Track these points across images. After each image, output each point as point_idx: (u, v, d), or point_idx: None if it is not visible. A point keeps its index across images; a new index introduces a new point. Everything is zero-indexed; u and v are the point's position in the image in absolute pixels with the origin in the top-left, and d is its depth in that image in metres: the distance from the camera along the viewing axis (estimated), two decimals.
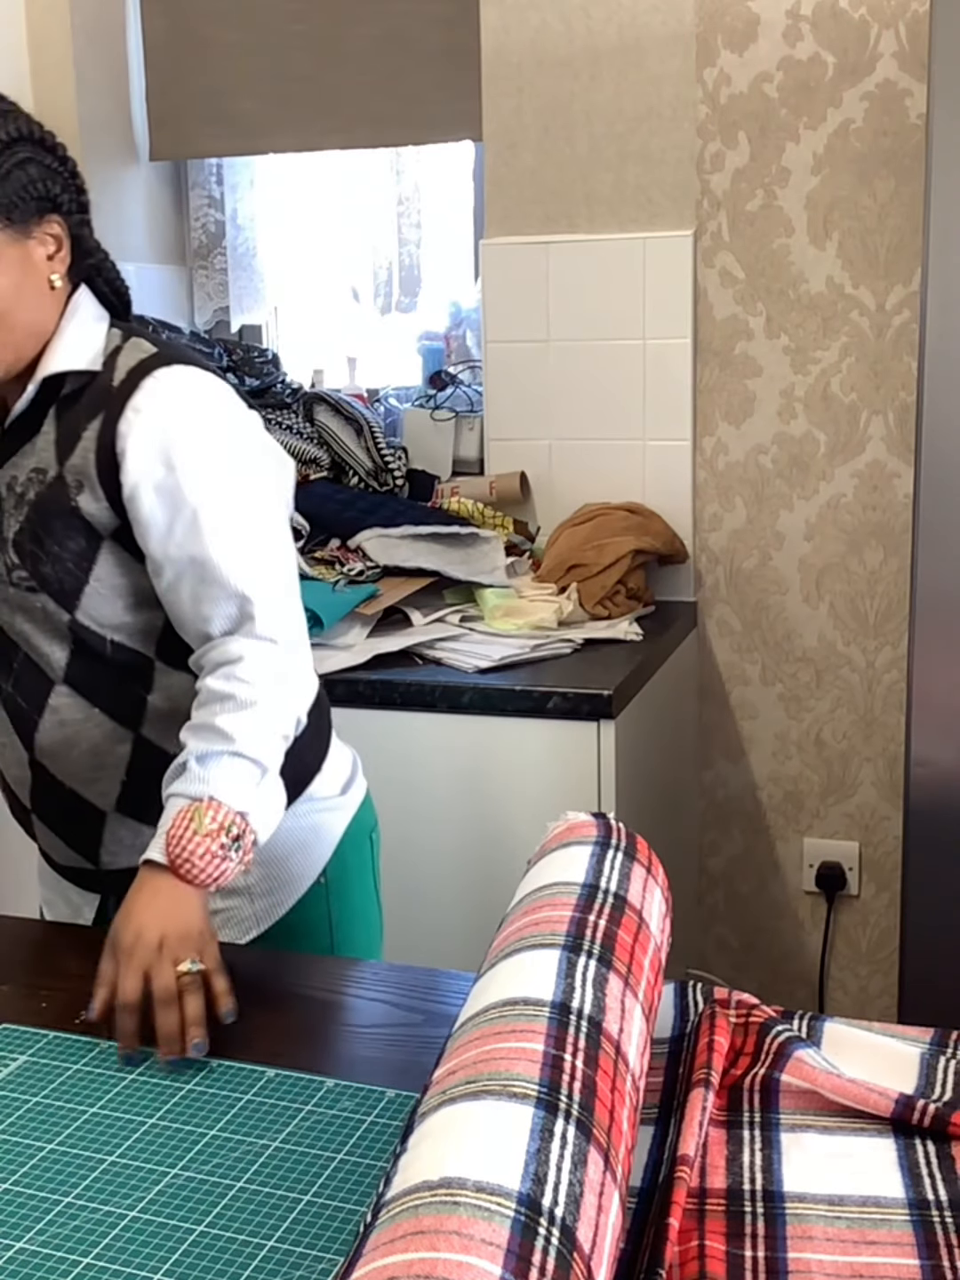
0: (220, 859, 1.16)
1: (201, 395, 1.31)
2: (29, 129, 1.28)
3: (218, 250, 3.02)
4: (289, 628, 1.30)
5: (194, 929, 1.15)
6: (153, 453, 1.26)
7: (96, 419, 1.28)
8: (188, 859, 1.15)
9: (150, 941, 1.12)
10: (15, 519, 1.32)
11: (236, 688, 1.24)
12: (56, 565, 1.30)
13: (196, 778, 1.20)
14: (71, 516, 1.29)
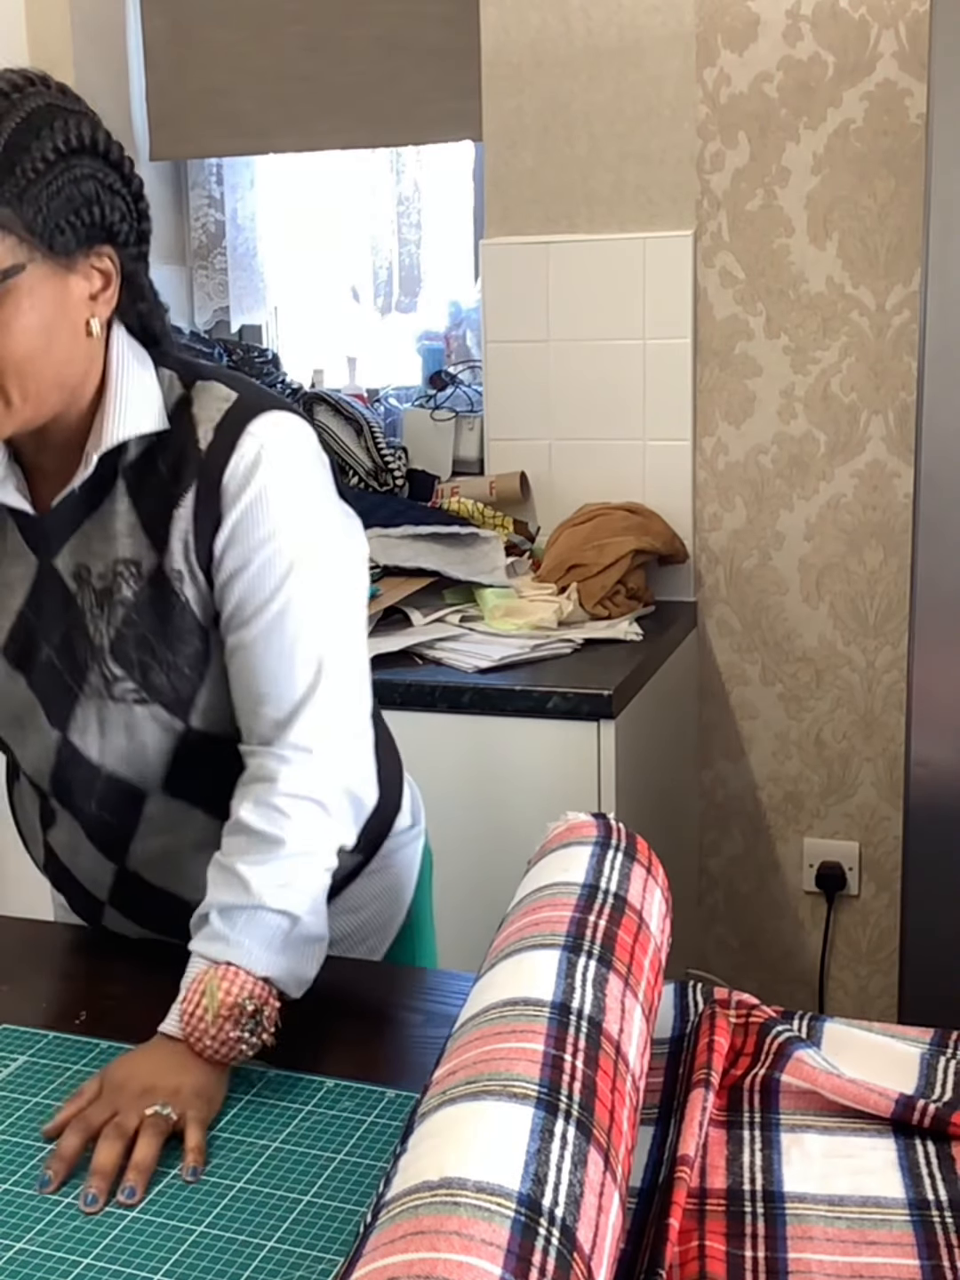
0: (235, 1041, 1.05)
1: (301, 453, 1.16)
2: (93, 137, 1.09)
3: (218, 250, 3.02)
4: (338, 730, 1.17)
5: (187, 1087, 1.03)
6: (259, 530, 1.12)
7: (189, 493, 1.12)
8: (200, 1038, 1.05)
9: (135, 1087, 1.02)
10: (107, 622, 1.15)
11: (265, 821, 1.12)
12: (172, 673, 1.15)
13: (217, 935, 1.10)
14: (182, 615, 1.14)
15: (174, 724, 1.17)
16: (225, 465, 1.11)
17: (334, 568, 1.17)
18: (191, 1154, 0.97)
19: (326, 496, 1.18)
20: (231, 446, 1.11)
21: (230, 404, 1.13)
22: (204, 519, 1.12)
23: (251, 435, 1.12)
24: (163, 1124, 0.99)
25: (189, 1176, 0.96)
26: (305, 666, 1.14)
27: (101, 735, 1.18)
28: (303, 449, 1.16)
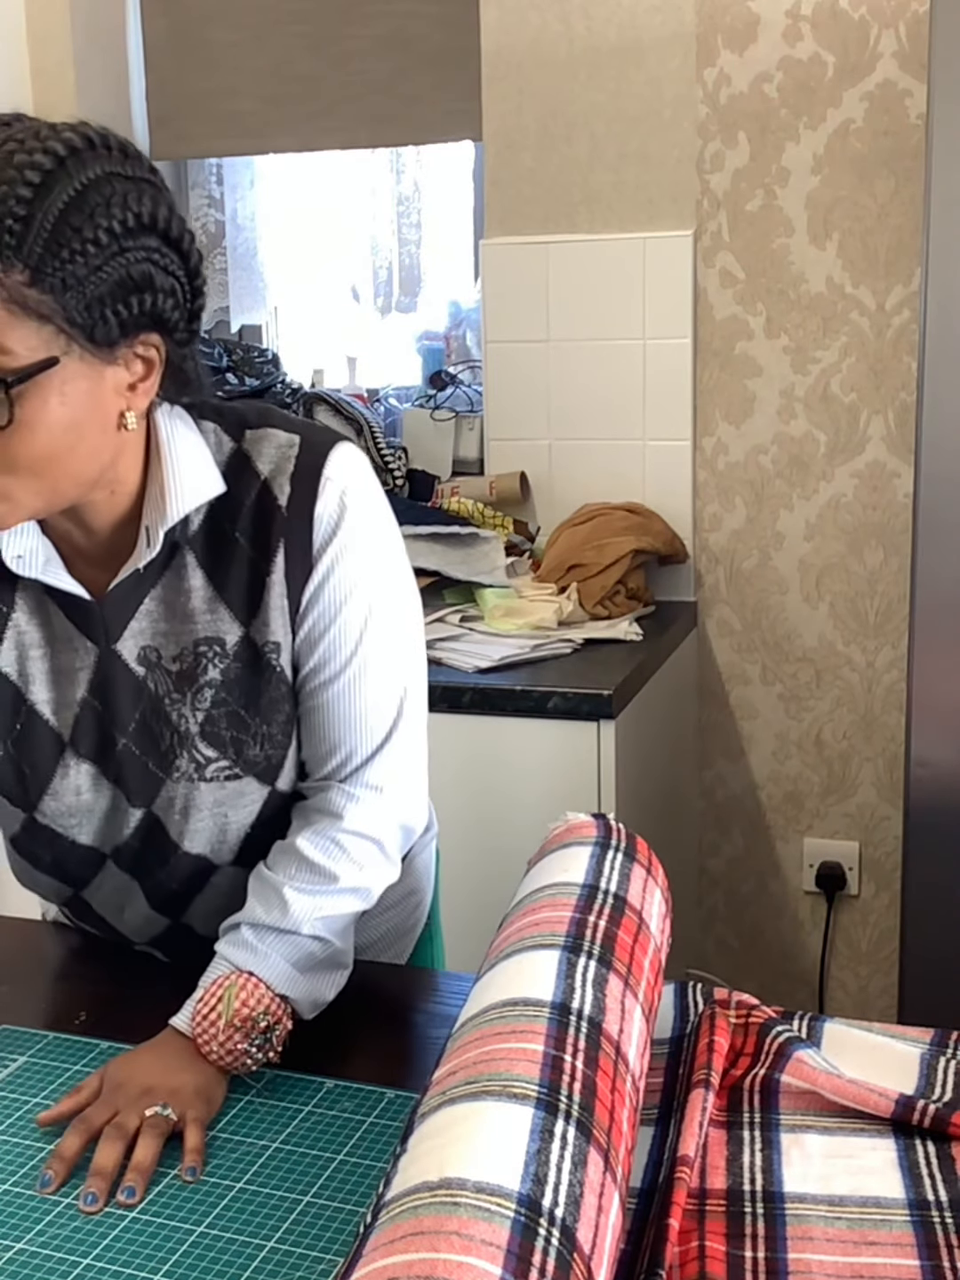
0: (241, 1053, 1.04)
1: (374, 488, 1.12)
2: (153, 213, 0.94)
3: (218, 250, 3.02)
4: (405, 772, 1.16)
5: (189, 1087, 1.02)
6: (345, 584, 1.08)
7: (278, 556, 1.06)
8: (208, 1042, 1.05)
9: (136, 1087, 1.02)
10: (192, 707, 1.09)
11: (322, 855, 1.11)
12: (266, 743, 1.11)
13: (245, 944, 1.09)
14: (278, 684, 1.09)
15: (260, 793, 1.13)
16: (311, 520, 1.06)
17: (408, 608, 1.16)
18: (191, 1154, 0.97)
19: (396, 531, 1.15)
20: (313, 497, 1.06)
21: (297, 450, 1.07)
22: (296, 578, 1.07)
23: (330, 480, 1.07)
24: (163, 1125, 0.99)
25: (188, 1177, 0.96)
26: (386, 714, 1.13)
27: (187, 817, 1.13)
28: (372, 481, 1.12)
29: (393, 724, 1.14)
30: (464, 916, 1.81)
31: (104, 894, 1.22)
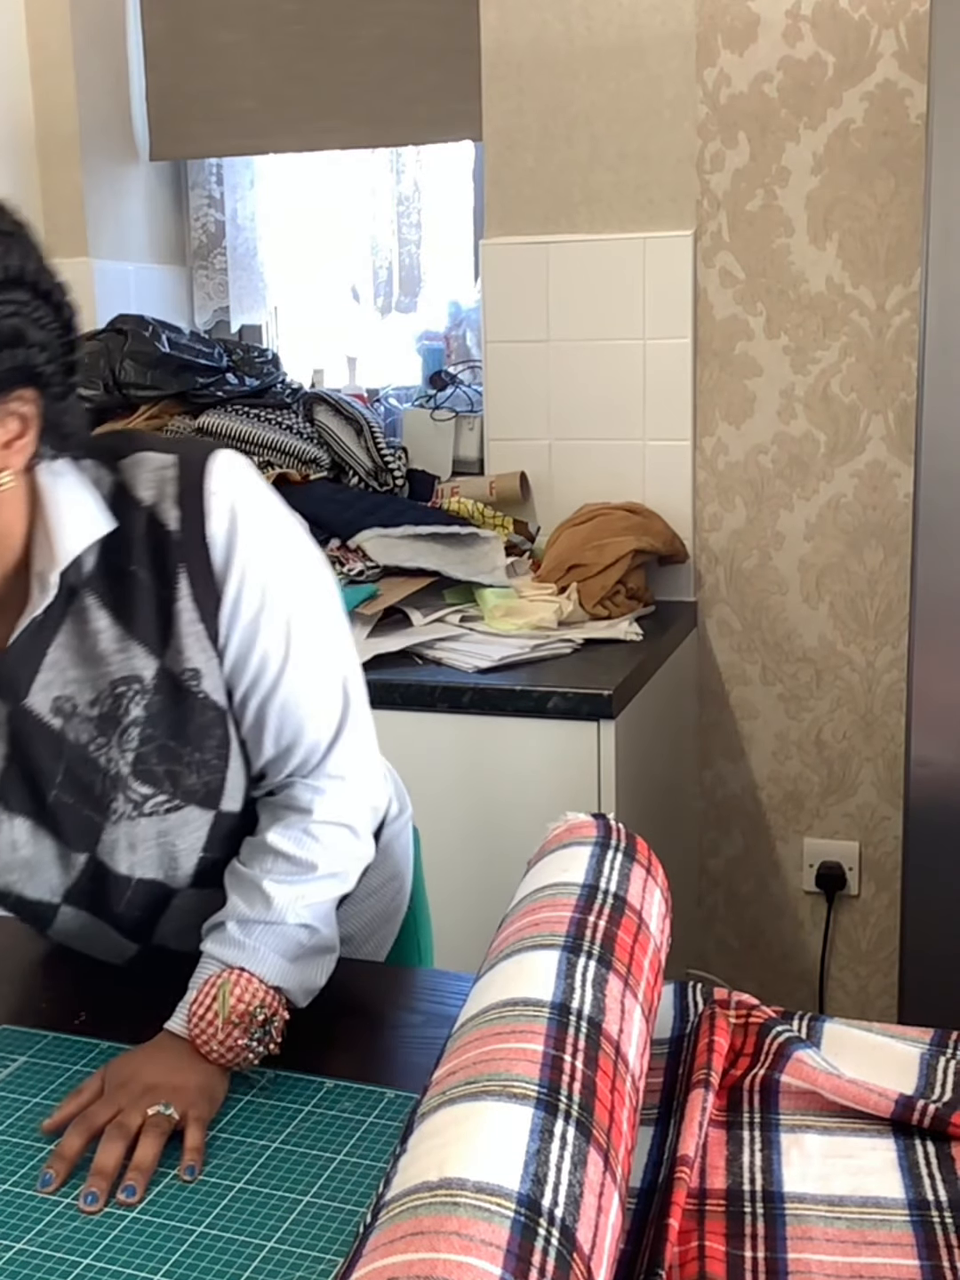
0: (242, 1049, 1.05)
1: (260, 487, 1.08)
2: (21, 267, 0.92)
3: (218, 250, 3.02)
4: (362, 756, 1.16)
5: (191, 1085, 1.03)
6: (258, 592, 1.05)
7: (181, 582, 1.03)
8: (207, 1041, 1.05)
9: (138, 1086, 1.02)
10: (119, 749, 1.06)
11: (297, 847, 1.11)
12: (201, 769, 1.09)
13: (233, 941, 1.09)
14: (204, 709, 1.07)
15: (205, 816, 1.12)
16: (205, 538, 1.03)
17: (324, 592, 1.14)
18: (190, 1154, 0.97)
19: (290, 520, 1.11)
20: (203, 518, 1.03)
21: (175, 471, 1.04)
22: (206, 601, 1.04)
23: (216, 495, 1.03)
24: (165, 1124, 0.99)
25: (186, 1176, 0.96)
26: (333, 706, 1.13)
27: (132, 851, 1.11)
28: (257, 481, 1.08)
29: (342, 712, 1.13)
30: (463, 916, 1.81)
31: (70, 931, 1.21)
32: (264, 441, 2.49)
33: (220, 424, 2.50)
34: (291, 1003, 1.11)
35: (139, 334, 2.54)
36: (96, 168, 2.84)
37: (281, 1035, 1.08)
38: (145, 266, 2.96)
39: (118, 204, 2.90)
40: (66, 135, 2.79)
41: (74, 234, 2.82)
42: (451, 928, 1.91)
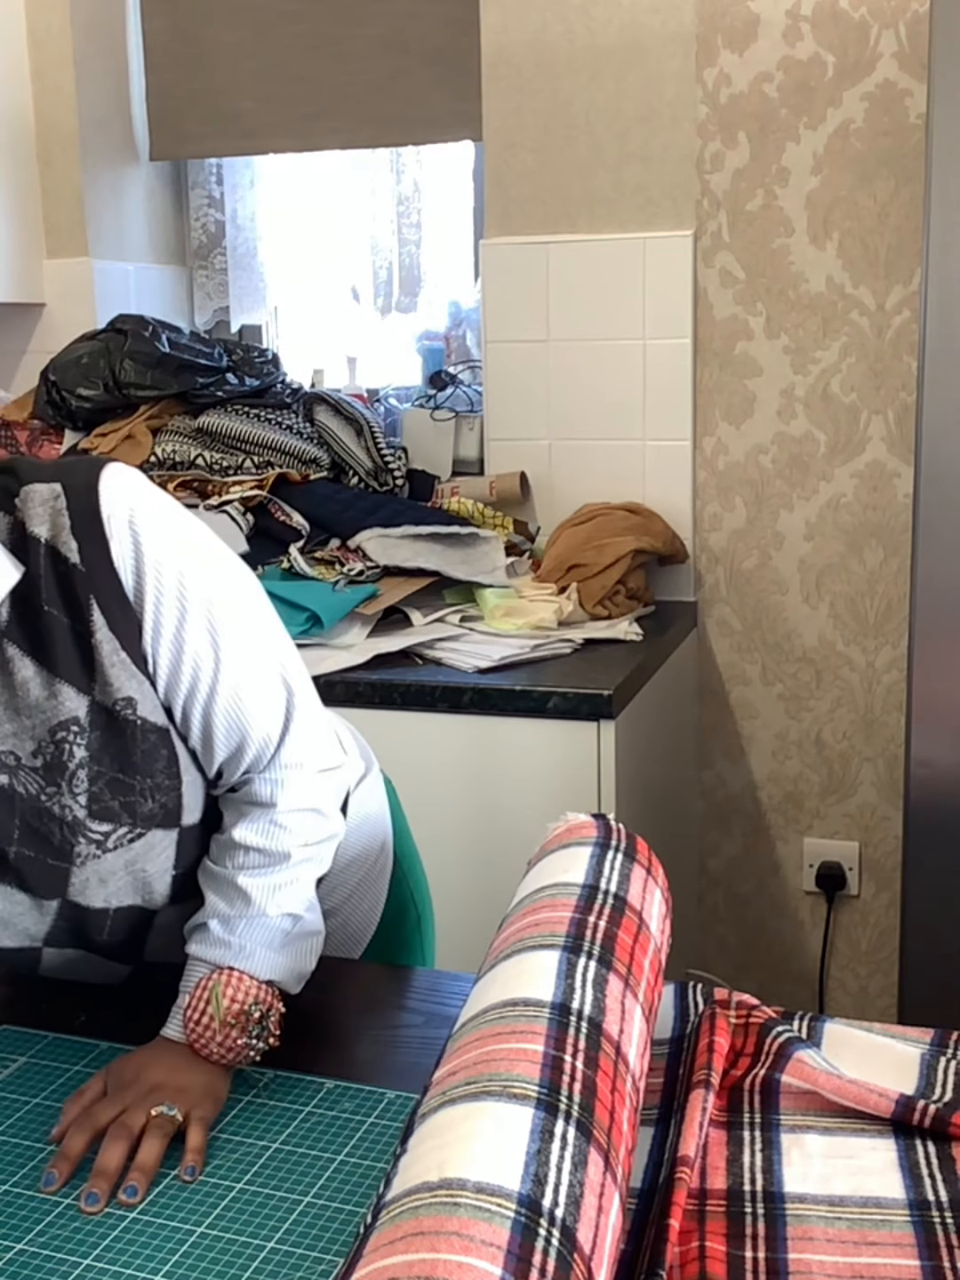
0: (243, 1048, 1.05)
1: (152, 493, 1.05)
2: None
3: (218, 250, 3.02)
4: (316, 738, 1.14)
5: (195, 1086, 1.03)
6: (175, 605, 1.02)
7: (94, 614, 1.00)
8: (206, 1044, 1.05)
9: (142, 1086, 1.02)
10: (70, 794, 1.04)
11: (267, 839, 1.10)
12: (156, 793, 1.07)
13: (218, 940, 1.09)
14: (144, 735, 1.04)
15: (169, 836, 1.10)
16: (111, 564, 0.99)
17: (242, 586, 1.10)
18: (191, 1154, 0.97)
19: (192, 520, 1.08)
20: (104, 545, 0.99)
21: (64, 500, 0.99)
22: (125, 628, 1.01)
23: (110, 517, 0.99)
24: (168, 1125, 0.99)
25: (186, 1176, 0.96)
26: (277, 697, 1.10)
27: (103, 885, 1.09)
28: (147, 488, 1.04)
29: (287, 701, 1.11)
30: (463, 917, 1.81)
31: (56, 969, 1.19)
32: (264, 441, 2.49)
33: (220, 424, 2.50)
34: (285, 991, 1.11)
35: (139, 334, 2.54)
36: (96, 168, 2.84)
37: (280, 1028, 1.08)
38: (145, 266, 2.96)
39: (118, 204, 2.90)
40: (66, 135, 2.79)
41: (74, 234, 2.82)
42: (451, 928, 1.91)
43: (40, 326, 2.85)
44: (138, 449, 2.50)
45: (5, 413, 2.67)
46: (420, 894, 1.50)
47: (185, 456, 2.50)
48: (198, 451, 2.50)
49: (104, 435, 2.53)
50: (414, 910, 1.47)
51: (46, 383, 2.57)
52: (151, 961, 1.21)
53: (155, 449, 2.51)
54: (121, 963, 1.20)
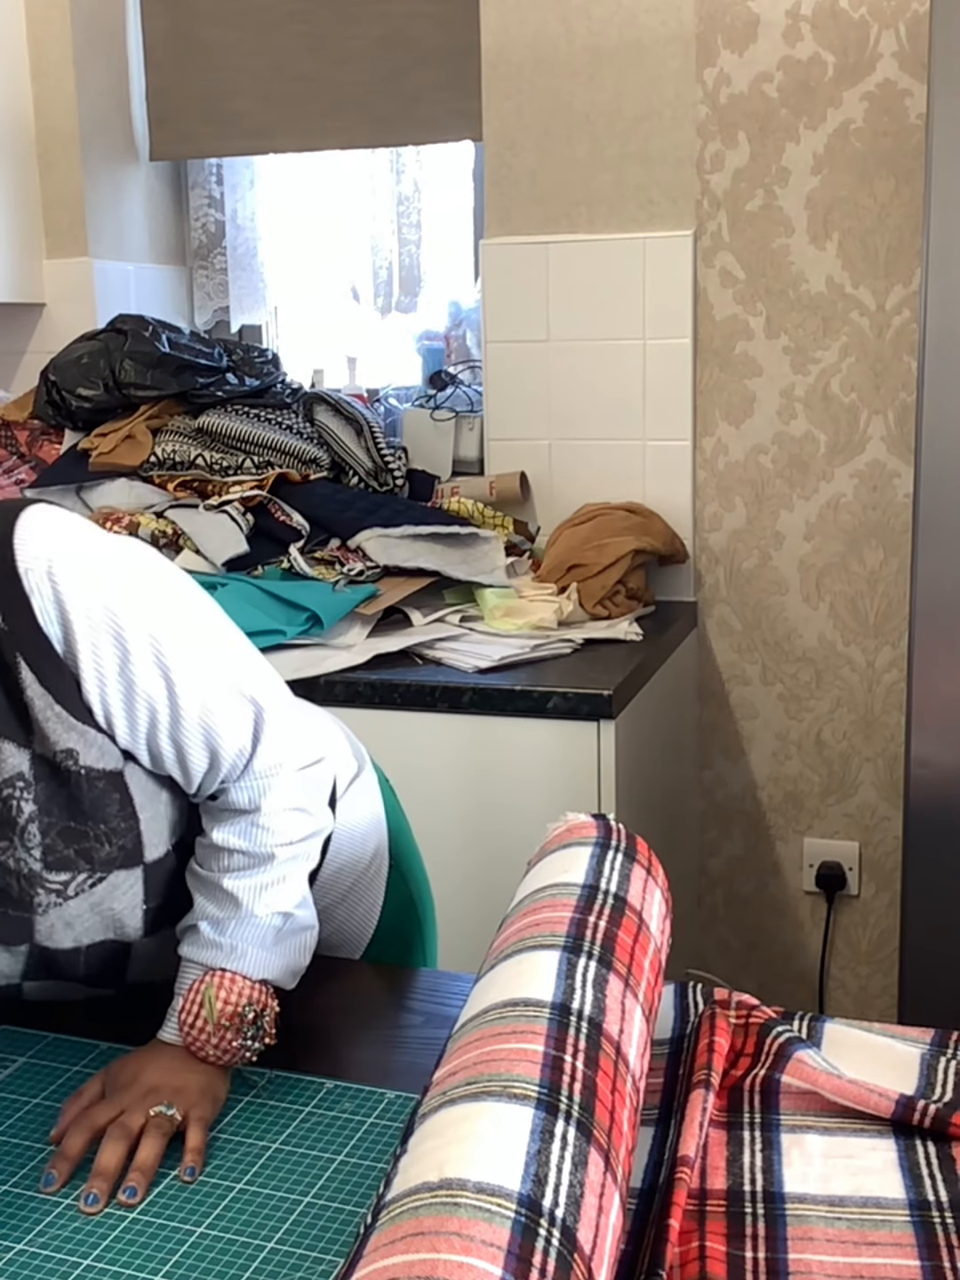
0: (239, 1049, 1.05)
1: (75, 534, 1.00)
2: None
3: (218, 250, 3.02)
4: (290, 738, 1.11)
5: (193, 1086, 1.03)
6: (114, 648, 0.98)
7: (20, 672, 0.96)
8: (202, 1046, 1.05)
9: (141, 1086, 1.02)
10: (24, 848, 1.01)
11: (251, 842, 1.09)
12: (113, 837, 1.04)
13: (209, 942, 1.08)
14: (92, 782, 1.01)
15: (133, 874, 1.07)
16: (35, 621, 0.95)
17: (182, 605, 1.06)
18: (191, 1154, 0.97)
19: (115, 546, 1.02)
20: (23, 597, 0.95)
21: None
22: (57, 682, 0.97)
23: (28, 571, 0.95)
24: (167, 1125, 0.99)
25: (186, 1177, 0.96)
26: (241, 711, 1.07)
27: (70, 928, 1.07)
28: (67, 525, 0.99)
29: (255, 712, 1.08)
30: (463, 917, 1.81)
31: (43, 996, 1.19)
32: (264, 441, 2.49)
33: (220, 424, 2.50)
34: (279, 988, 1.11)
35: (139, 334, 2.54)
36: (96, 168, 2.84)
37: (275, 1026, 1.08)
38: (145, 266, 2.96)
39: (118, 204, 2.90)
40: (66, 135, 2.79)
41: (74, 234, 2.82)
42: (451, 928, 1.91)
43: (40, 326, 2.85)
44: (138, 449, 2.50)
45: (5, 413, 2.67)
46: (422, 895, 1.49)
47: (185, 456, 2.50)
48: (198, 451, 2.50)
49: (104, 435, 2.53)
50: (416, 911, 1.47)
51: (46, 383, 2.57)
52: (134, 983, 1.19)
53: (155, 449, 2.51)
54: (102, 987, 1.18)
